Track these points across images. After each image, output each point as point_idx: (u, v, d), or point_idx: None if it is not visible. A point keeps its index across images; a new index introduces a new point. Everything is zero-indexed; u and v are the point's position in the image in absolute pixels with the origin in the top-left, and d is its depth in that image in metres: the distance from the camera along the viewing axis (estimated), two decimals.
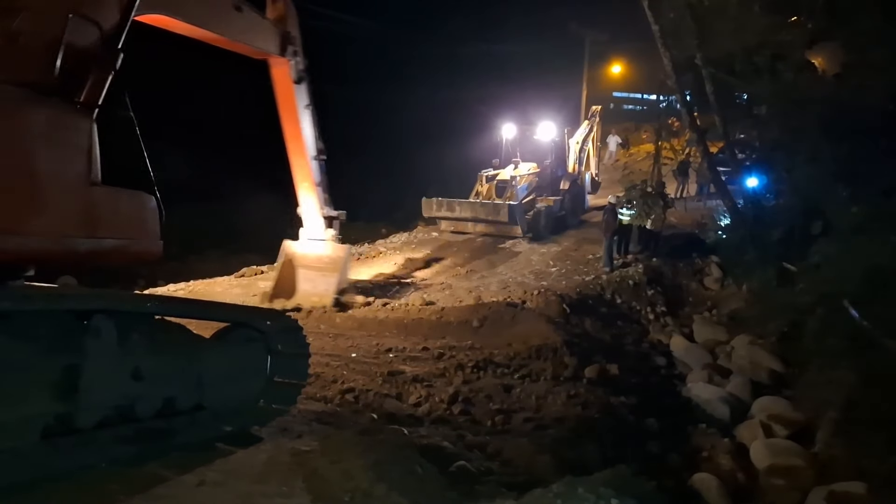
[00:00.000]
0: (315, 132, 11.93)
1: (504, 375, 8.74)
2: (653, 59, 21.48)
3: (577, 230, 21.43)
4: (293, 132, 11.51)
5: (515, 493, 5.00)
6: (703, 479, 7.51)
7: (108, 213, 4.83)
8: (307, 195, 12.27)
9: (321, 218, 12.33)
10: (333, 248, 12.40)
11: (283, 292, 12.25)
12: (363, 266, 16.63)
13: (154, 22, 7.33)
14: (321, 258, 12.41)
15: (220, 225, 24.95)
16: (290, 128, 11.50)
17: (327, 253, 12.39)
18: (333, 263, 12.30)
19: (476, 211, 19.51)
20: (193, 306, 5.63)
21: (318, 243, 12.44)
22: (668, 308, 15.26)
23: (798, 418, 9.36)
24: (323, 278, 12.22)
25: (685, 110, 18.03)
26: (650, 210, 16.93)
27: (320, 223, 12.37)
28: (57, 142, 4.55)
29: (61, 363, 4.23)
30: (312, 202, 12.28)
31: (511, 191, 19.94)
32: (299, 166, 11.94)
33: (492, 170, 21.45)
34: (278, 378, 5.60)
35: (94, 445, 4.41)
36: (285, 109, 11.31)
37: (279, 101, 11.27)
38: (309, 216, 12.47)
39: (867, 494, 6.79)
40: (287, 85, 11.05)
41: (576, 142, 23.81)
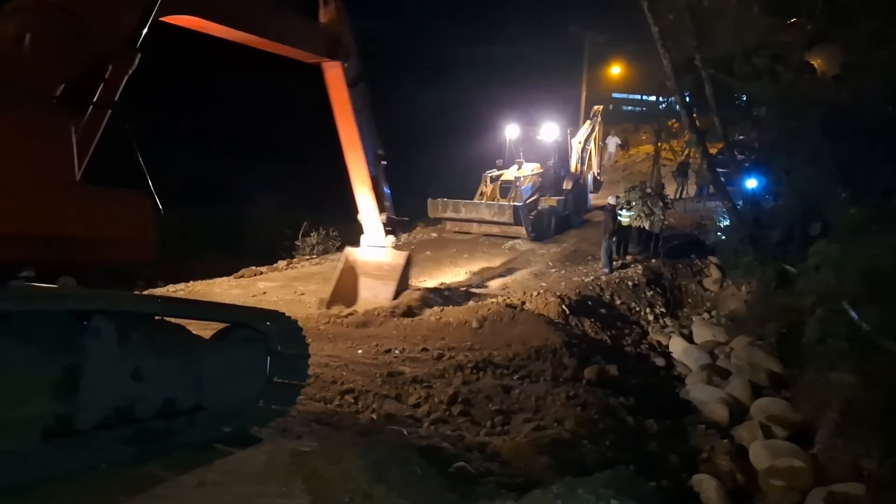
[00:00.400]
0: (373, 136, 11.71)
1: (503, 376, 8.73)
2: (652, 61, 21.50)
3: (578, 230, 21.53)
4: (349, 136, 11.30)
5: (515, 493, 5.01)
6: (703, 479, 7.52)
7: (95, 211, 4.79)
8: (365, 200, 11.95)
9: (380, 224, 12.04)
10: (393, 254, 12.18)
11: (341, 299, 11.97)
12: None
13: (185, 23, 7.27)
14: (381, 265, 12.17)
15: (222, 225, 24.95)
16: (345, 132, 11.29)
17: (387, 260, 12.14)
18: (393, 271, 12.04)
19: (481, 212, 19.60)
20: (193, 307, 5.62)
21: (378, 250, 12.21)
22: (667, 309, 15.28)
23: (797, 419, 9.38)
24: (383, 286, 11.98)
25: (684, 111, 18.04)
26: (650, 211, 16.94)
27: (380, 229, 12.09)
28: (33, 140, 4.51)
29: (61, 364, 4.22)
30: (371, 208, 11.97)
31: (515, 191, 20.07)
32: (356, 171, 11.66)
33: (496, 170, 21.55)
34: (278, 379, 5.60)
35: (94, 446, 4.41)
36: (340, 113, 11.12)
37: (334, 104, 11.09)
38: (368, 222, 12.19)
39: (866, 495, 6.80)
40: (341, 88, 10.85)
41: (578, 141, 23.96)
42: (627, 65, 41.67)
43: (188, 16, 7.16)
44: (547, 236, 19.93)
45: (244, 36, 8.37)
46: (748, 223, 16.13)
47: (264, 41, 8.76)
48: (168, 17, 6.73)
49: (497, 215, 19.14)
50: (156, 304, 5.37)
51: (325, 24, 10.37)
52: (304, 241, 20.00)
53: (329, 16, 10.51)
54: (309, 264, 17.09)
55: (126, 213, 5.07)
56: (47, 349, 4.16)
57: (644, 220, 17.00)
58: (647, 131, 36.80)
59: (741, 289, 15.70)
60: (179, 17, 7.06)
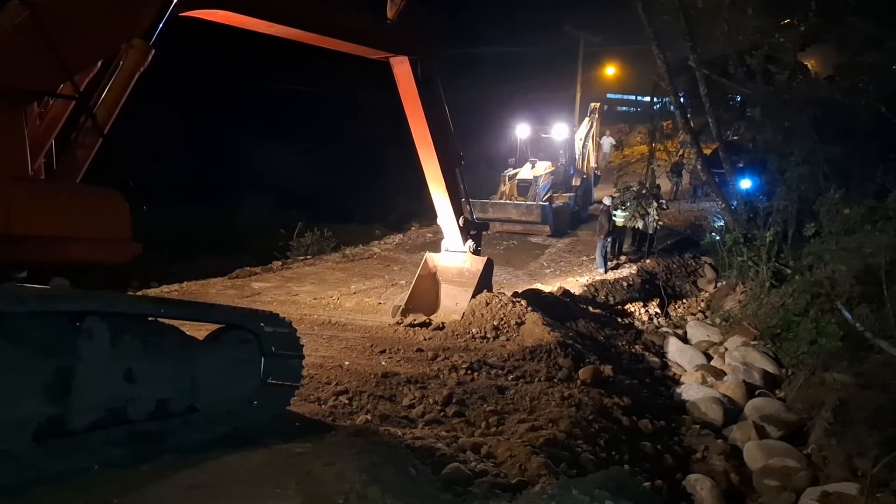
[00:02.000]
0: (448, 136, 11.22)
1: (498, 377, 8.73)
2: (647, 61, 21.62)
3: (586, 224, 22.21)
4: (421, 135, 10.83)
5: (510, 494, 5.00)
6: (697, 479, 7.52)
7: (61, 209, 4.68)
8: (442, 204, 11.44)
9: (457, 228, 11.51)
10: (472, 260, 11.66)
11: (418, 306, 11.55)
12: (366, 268, 16.61)
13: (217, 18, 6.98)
14: (462, 272, 11.66)
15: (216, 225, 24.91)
16: (417, 131, 10.82)
17: (467, 266, 11.64)
18: (473, 277, 11.50)
19: (509, 212, 20.30)
20: (187, 307, 5.61)
21: (458, 255, 11.72)
22: (661, 309, 15.31)
23: (791, 419, 9.39)
24: (464, 293, 11.41)
25: (679, 112, 18.09)
26: (644, 211, 16.98)
27: (457, 234, 11.56)
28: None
29: (54, 365, 4.20)
30: (448, 212, 11.43)
31: (534, 190, 20.91)
32: (430, 172, 11.17)
33: (511, 169, 22.32)
34: (272, 380, 5.59)
35: (87, 448, 4.39)
36: (411, 111, 10.67)
37: (404, 102, 10.65)
38: (446, 227, 11.69)
39: (860, 495, 6.81)
40: (409, 85, 10.37)
41: (579, 138, 24.54)
42: (622, 65, 41.76)
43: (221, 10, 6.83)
44: (564, 232, 20.88)
45: (294, 32, 8.06)
46: (742, 223, 16.16)
47: (319, 37, 8.44)
48: (194, 12, 6.48)
49: (525, 215, 20.04)
50: (149, 304, 5.36)
51: (392, 18, 9.92)
52: (298, 241, 19.98)
53: (396, 10, 10.03)
54: (303, 265, 17.06)
55: (98, 211, 4.95)
56: (40, 350, 4.14)
57: (638, 220, 17.03)
58: (642, 132, 36.87)
59: (735, 289, 15.74)
60: (209, 11, 6.74)
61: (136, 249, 5.17)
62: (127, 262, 5.13)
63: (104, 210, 4.97)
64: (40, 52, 4.75)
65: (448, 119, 11.24)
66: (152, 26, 5.65)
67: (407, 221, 25.73)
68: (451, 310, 11.46)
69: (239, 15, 7.14)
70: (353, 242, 20.19)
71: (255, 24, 7.54)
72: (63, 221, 4.74)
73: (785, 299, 12.89)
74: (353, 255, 18.21)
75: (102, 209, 4.97)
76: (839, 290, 10.30)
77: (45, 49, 4.73)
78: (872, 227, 10.43)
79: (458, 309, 11.29)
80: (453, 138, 11.42)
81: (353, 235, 21.50)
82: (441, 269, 11.84)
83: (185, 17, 6.40)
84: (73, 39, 5.03)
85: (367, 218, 26.38)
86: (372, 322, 11.59)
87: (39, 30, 4.70)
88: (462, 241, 11.55)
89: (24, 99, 4.91)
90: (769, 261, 14.35)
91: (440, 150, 10.92)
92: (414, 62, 10.18)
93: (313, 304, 12.76)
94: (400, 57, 10.10)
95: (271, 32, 7.89)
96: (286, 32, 8.04)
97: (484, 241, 19.29)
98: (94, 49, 5.34)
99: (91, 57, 5.42)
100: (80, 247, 4.81)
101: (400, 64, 10.23)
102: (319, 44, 8.65)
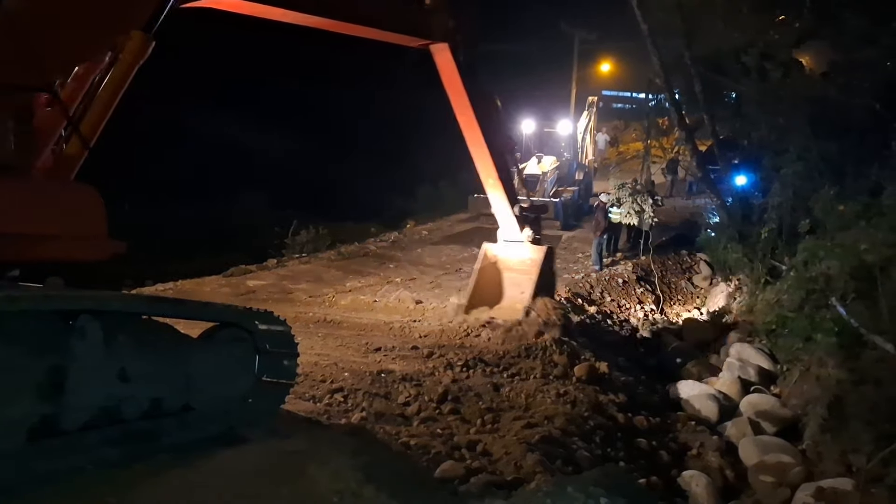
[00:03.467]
0: (497, 123, 10.88)
1: (493, 374, 8.73)
2: (642, 58, 21.61)
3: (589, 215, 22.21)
4: (467, 123, 10.36)
5: (505, 492, 5.00)
6: (692, 476, 7.54)
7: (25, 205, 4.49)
8: (494, 193, 11.05)
9: (513, 217, 11.08)
10: (532, 249, 11.20)
11: (482, 300, 11.15)
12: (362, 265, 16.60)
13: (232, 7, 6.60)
14: (523, 261, 11.22)
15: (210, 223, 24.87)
16: (463, 119, 10.36)
17: (528, 255, 11.19)
18: (534, 265, 11.08)
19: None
20: (181, 306, 5.58)
21: (516, 245, 11.28)
22: (656, 305, 15.33)
23: (786, 415, 9.42)
24: (528, 281, 10.97)
25: (674, 109, 18.12)
26: (640, 208, 16.98)
27: (513, 223, 11.14)
28: None
29: (47, 364, 4.18)
30: (501, 201, 11.05)
31: (542, 185, 21.36)
32: (481, 162, 10.75)
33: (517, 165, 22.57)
34: (267, 378, 5.57)
35: (80, 447, 4.37)
36: (455, 99, 10.20)
37: (448, 91, 10.18)
38: (501, 216, 11.30)
39: (854, 491, 6.83)
40: (452, 72, 9.90)
41: (578, 133, 24.88)
42: (617, 62, 41.76)
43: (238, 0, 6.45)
44: (571, 224, 21.39)
45: (314, 19, 7.58)
46: (737, 220, 16.20)
47: (344, 24, 8.00)
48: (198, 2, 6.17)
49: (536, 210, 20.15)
50: (143, 303, 5.32)
51: (429, 4, 9.54)
52: (293, 239, 19.95)
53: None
54: (298, 262, 17.03)
55: (71, 207, 4.81)
56: (33, 349, 4.12)
57: (634, 217, 17.04)
58: (637, 128, 36.87)
59: (730, 285, 15.78)
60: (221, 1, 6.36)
61: (117, 247, 5.01)
62: (104, 259, 4.96)
63: (77, 206, 4.83)
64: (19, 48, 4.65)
65: (496, 105, 10.95)
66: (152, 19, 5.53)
67: (402, 219, 25.73)
68: (515, 299, 10.99)
69: (249, 2, 6.71)
70: (348, 240, 20.16)
71: (268, 11, 7.07)
72: (31, 218, 4.55)
73: (780, 296, 12.93)
74: (348, 253, 18.19)
75: (75, 205, 4.82)
76: (834, 287, 10.33)
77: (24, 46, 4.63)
78: (867, 224, 10.45)
79: (523, 298, 10.83)
80: (503, 123, 11.16)
81: (348, 233, 21.49)
82: (501, 258, 11.41)
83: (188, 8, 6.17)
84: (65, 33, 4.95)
85: (362, 216, 26.39)
86: (367, 320, 11.57)
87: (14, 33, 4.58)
88: (519, 229, 11.12)
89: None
90: (764, 257, 14.39)
91: (489, 138, 10.49)
92: (455, 49, 9.76)
93: (308, 302, 12.73)
94: (440, 44, 9.66)
95: (288, 20, 7.39)
96: (306, 20, 7.53)
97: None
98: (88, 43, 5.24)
99: (86, 51, 5.32)
100: (51, 245, 4.64)
101: (441, 52, 9.78)
102: (345, 31, 8.19)
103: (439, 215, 25.35)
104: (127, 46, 5.42)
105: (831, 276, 10.60)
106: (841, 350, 9.50)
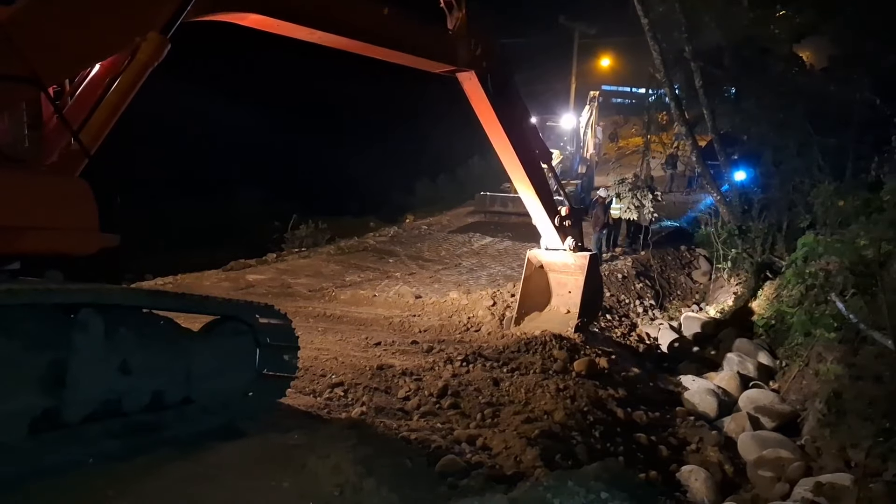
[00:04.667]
0: (530, 137, 10.73)
1: (493, 369, 8.74)
2: (642, 53, 21.64)
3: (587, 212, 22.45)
4: (502, 146, 10.25)
5: (505, 486, 5.01)
6: (692, 471, 7.55)
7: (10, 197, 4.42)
8: (531, 205, 10.90)
9: (553, 228, 10.87)
10: (576, 257, 10.96)
11: (531, 308, 11.10)
12: (359, 259, 16.60)
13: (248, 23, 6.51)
14: (568, 265, 11.06)
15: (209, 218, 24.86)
16: (497, 142, 10.25)
17: (572, 261, 10.98)
18: (580, 271, 10.85)
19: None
20: (181, 300, 5.59)
21: (559, 252, 11.08)
22: (656, 301, 15.35)
23: (785, 410, 9.44)
24: (576, 284, 10.85)
25: (674, 104, 18.09)
26: (639, 203, 16.97)
27: (554, 234, 10.94)
28: None
29: (48, 357, 4.19)
30: (541, 213, 10.86)
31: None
32: (516, 178, 10.67)
33: None
34: (267, 371, 5.58)
35: (82, 440, 4.38)
36: (487, 124, 10.07)
37: (479, 115, 10.05)
38: (541, 227, 11.10)
39: (853, 486, 6.84)
40: (480, 98, 9.75)
41: (580, 127, 25.02)
42: (617, 57, 41.71)
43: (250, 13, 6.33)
44: None
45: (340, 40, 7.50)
46: (737, 215, 16.19)
47: (369, 47, 7.89)
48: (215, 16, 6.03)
49: None
50: (143, 297, 5.33)
51: (454, 31, 9.31)
52: (293, 233, 19.95)
53: (456, 23, 9.36)
54: (298, 257, 17.03)
55: (60, 199, 4.75)
56: (34, 343, 4.12)
57: (633, 212, 17.03)
58: (637, 124, 36.83)
59: (730, 281, 15.79)
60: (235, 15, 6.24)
61: (108, 241, 4.94)
62: (93, 253, 4.87)
63: (67, 199, 4.76)
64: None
65: (528, 117, 10.91)
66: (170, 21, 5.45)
67: (401, 213, 25.74)
68: (565, 301, 10.98)
69: (275, 20, 6.62)
70: (347, 235, 20.15)
71: (294, 30, 6.98)
72: (17, 210, 4.47)
73: (779, 291, 12.94)
74: (347, 248, 18.18)
75: (65, 198, 4.76)
76: (833, 282, 10.33)
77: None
78: (866, 219, 10.45)
79: (572, 300, 10.85)
80: (536, 135, 11.06)
81: (347, 228, 21.46)
82: (547, 262, 11.28)
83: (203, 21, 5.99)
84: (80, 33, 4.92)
85: (361, 210, 26.38)
86: (367, 314, 11.58)
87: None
88: (560, 239, 10.95)
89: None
90: (763, 253, 14.40)
91: (523, 156, 10.32)
92: (483, 76, 9.56)
93: (308, 297, 12.74)
94: (467, 72, 9.50)
95: (313, 40, 7.31)
96: (331, 41, 7.46)
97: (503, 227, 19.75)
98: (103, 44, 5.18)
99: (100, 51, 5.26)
100: (37, 237, 4.55)
101: (468, 80, 9.61)
102: (370, 54, 8.13)
103: (438, 210, 25.36)
104: (142, 47, 5.33)
105: (830, 271, 10.61)
106: (840, 345, 9.52)
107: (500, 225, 20.46)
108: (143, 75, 5.42)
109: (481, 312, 11.73)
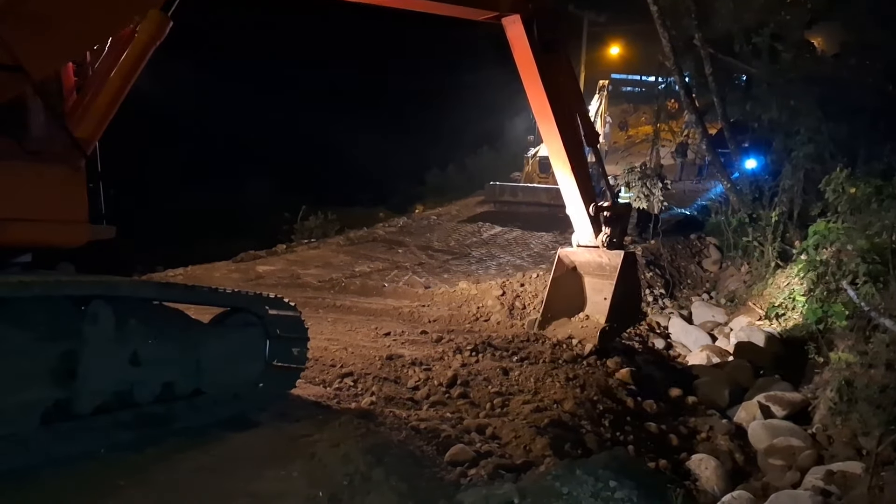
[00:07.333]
0: (575, 110, 9.68)
1: (503, 358, 8.74)
2: (651, 41, 21.45)
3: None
4: (540, 108, 9.21)
5: (514, 475, 5.03)
6: (702, 459, 7.53)
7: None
8: (567, 189, 9.73)
9: (587, 219, 9.75)
10: (609, 255, 9.88)
11: (558, 312, 10.07)
12: (369, 250, 16.62)
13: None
14: (601, 266, 10.04)
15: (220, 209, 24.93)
16: (535, 102, 9.21)
17: (605, 261, 9.95)
18: (613, 271, 9.79)
19: (539, 196, 20.54)
20: (192, 291, 5.62)
21: (592, 250, 10.02)
22: (666, 290, 15.28)
23: (796, 399, 9.39)
24: (610, 286, 9.77)
25: (683, 91, 17.97)
26: (648, 192, 16.88)
27: (588, 226, 9.81)
28: None
29: (59, 349, 4.23)
30: (576, 199, 9.71)
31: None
32: (553, 152, 9.58)
33: (532, 149, 22.57)
34: (277, 362, 5.61)
35: (93, 431, 4.42)
36: (527, 79, 9.09)
37: (519, 69, 9.12)
38: (575, 216, 9.99)
39: (864, 474, 6.82)
40: (524, 49, 8.85)
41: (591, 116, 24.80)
42: (626, 45, 41.39)
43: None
44: None
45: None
46: (748, 203, 16.09)
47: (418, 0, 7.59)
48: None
49: (555, 199, 20.07)
50: (154, 288, 5.36)
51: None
52: (302, 224, 19.99)
53: None
54: (308, 248, 17.06)
55: (48, 191, 4.66)
56: (45, 335, 4.16)
57: (643, 201, 16.94)
58: (647, 112, 36.61)
59: (740, 269, 15.70)
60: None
61: (102, 232, 4.92)
62: (81, 245, 4.83)
63: (56, 190, 4.69)
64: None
65: (578, 90, 9.95)
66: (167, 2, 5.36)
67: (410, 204, 25.72)
68: (599, 305, 9.88)
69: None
70: (356, 225, 20.17)
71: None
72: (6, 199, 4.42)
73: (790, 279, 12.86)
74: (357, 239, 18.20)
75: (53, 189, 4.68)
76: (845, 270, 10.26)
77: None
78: (879, 207, 10.36)
79: (605, 304, 9.72)
80: (584, 113, 10.13)
81: (356, 218, 21.48)
82: (580, 263, 10.25)
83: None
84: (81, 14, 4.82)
85: (370, 201, 26.39)
86: (377, 304, 11.60)
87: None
88: (594, 233, 9.87)
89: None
90: (774, 241, 14.31)
91: (563, 127, 9.30)
92: (528, 22, 8.73)
93: (318, 287, 12.77)
94: (511, 16, 8.71)
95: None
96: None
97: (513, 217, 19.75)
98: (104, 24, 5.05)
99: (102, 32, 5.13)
100: (22, 228, 4.49)
101: (512, 24, 8.81)
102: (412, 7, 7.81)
103: (448, 200, 25.33)
104: (142, 26, 5.20)
105: (842, 259, 10.53)
106: (851, 333, 9.46)
107: (509, 215, 20.41)
108: (145, 56, 5.29)
109: (490, 302, 11.72)
